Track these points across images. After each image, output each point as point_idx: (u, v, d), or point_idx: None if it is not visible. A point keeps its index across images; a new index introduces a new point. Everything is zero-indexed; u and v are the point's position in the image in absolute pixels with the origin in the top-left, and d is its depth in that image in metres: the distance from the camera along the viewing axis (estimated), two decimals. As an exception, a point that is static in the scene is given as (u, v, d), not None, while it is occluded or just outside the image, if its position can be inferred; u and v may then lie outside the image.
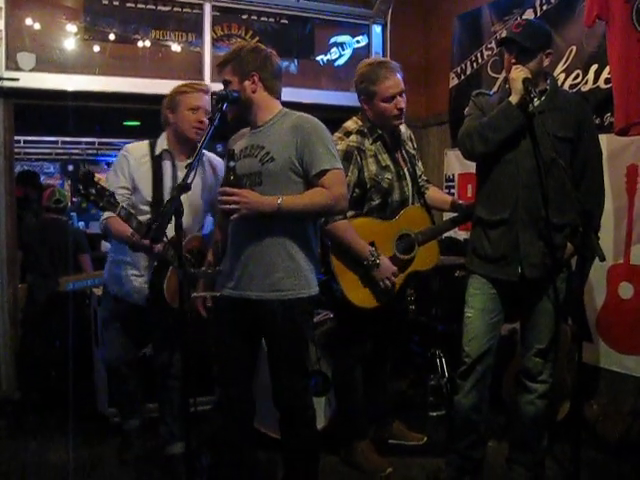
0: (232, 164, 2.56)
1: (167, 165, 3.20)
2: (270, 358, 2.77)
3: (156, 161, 3.17)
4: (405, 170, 3.42)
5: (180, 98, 3.17)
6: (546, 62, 2.92)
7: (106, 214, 3.03)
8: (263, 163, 2.64)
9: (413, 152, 3.54)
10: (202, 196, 3.25)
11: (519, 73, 2.81)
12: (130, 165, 3.15)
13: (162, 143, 3.21)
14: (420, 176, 3.56)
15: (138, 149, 3.22)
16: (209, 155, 3.36)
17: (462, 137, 2.98)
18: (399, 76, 3.27)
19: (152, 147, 3.21)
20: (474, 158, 3.05)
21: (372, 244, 3.23)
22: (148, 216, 3.05)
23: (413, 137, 3.61)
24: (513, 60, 2.89)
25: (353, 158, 3.23)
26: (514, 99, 2.82)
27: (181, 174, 3.06)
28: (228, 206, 2.51)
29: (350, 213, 3.25)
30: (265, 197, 2.57)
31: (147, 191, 3.14)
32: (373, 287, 3.27)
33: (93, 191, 2.66)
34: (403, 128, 3.49)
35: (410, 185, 3.42)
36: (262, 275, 2.66)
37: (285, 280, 2.66)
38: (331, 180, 2.62)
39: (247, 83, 2.69)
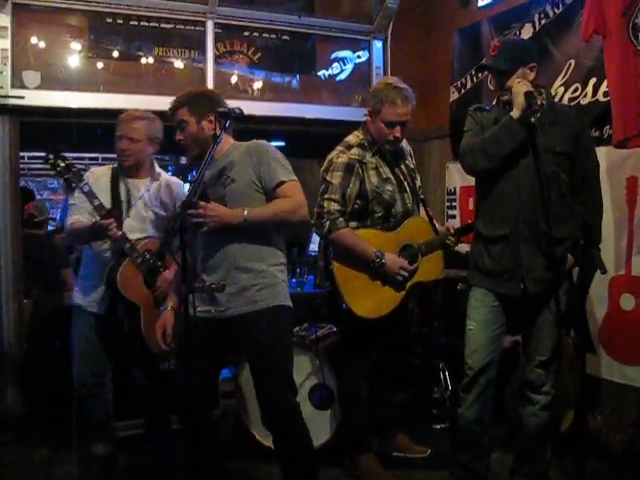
0: (201, 179, 2.64)
1: (121, 184, 3.40)
2: (253, 372, 2.82)
3: (113, 180, 3.39)
4: (405, 183, 3.46)
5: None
6: (531, 76, 2.92)
7: (70, 220, 3.27)
8: (225, 187, 2.76)
9: (412, 166, 3.59)
10: (152, 210, 3.40)
11: (521, 87, 2.82)
12: (89, 182, 3.31)
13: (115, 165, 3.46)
14: (418, 190, 3.60)
15: (99, 170, 3.47)
16: (167, 177, 3.54)
17: (464, 153, 3.00)
18: (410, 107, 3.31)
19: (113, 170, 3.43)
20: (476, 174, 3.09)
21: None
22: None
23: (412, 152, 3.65)
24: (493, 82, 2.94)
25: (355, 170, 3.28)
26: (516, 114, 2.83)
27: (134, 191, 3.38)
28: (196, 219, 2.59)
29: (353, 224, 3.30)
30: (232, 209, 2.68)
31: (106, 203, 3.28)
32: (377, 297, 3.30)
33: (62, 164, 2.99)
34: (404, 143, 3.54)
35: (411, 198, 3.46)
36: (238, 293, 2.73)
37: (261, 292, 2.75)
38: (290, 190, 2.78)
39: (205, 123, 2.82)
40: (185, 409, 2.82)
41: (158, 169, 3.49)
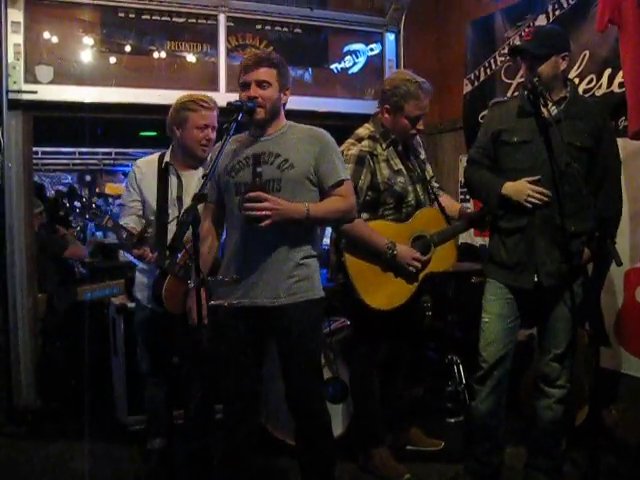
0: (259, 170, 2.56)
1: (172, 177, 3.28)
2: (285, 364, 2.78)
3: (162, 173, 3.26)
4: (416, 175, 3.46)
5: (188, 115, 3.22)
6: (563, 65, 2.90)
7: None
8: (282, 170, 2.67)
9: (423, 157, 3.59)
10: None
11: (523, 190, 2.88)
12: (137, 179, 3.29)
13: (167, 156, 3.30)
14: (431, 179, 3.59)
15: (146, 163, 3.35)
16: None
17: (464, 177, 3.23)
18: (429, 99, 3.33)
19: (160, 160, 3.30)
20: None
21: None
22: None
23: (421, 143, 3.66)
24: (526, 68, 2.91)
25: (366, 162, 3.27)
26: (504, 191, 2.94)
27: (189, 184, 3.24)
28: (259, 212, 2.51)
29: (365, 216, 3.29)
30: (294, 204, 2.61)
31: (153, 202, 3.24)
32: (389, 289, 3.29)
33: (78, 204, 2.93)
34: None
35: (423, 189, 3.46)
36: (277, 281, 2.67)
37: (299, 284, 2.70)
38: (346, 190, 2.74)
39: (283, 95, 2.75)
40: (227, 400, 2.82)
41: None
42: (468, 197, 5.10)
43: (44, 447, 3.82)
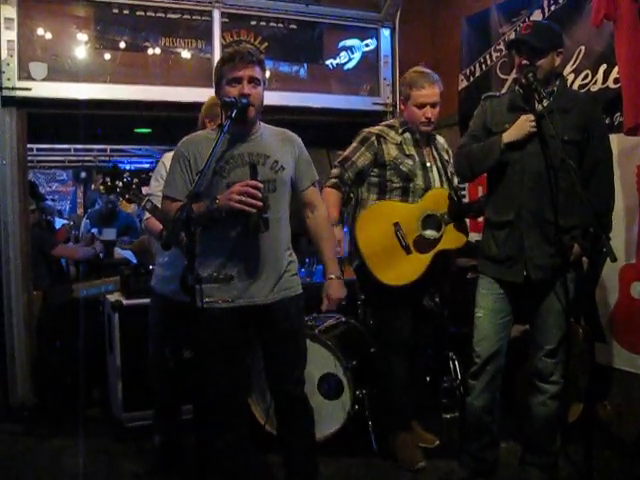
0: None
1: None
2: (279, 353, 2.81)
3: None
4: (433, 166, 3.56)
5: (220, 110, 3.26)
6: (557, 61, 2.93)
7: (145, 215, 3.27)
8: (276, 172, 2.72)
9: (447, 158, 3.68)
10: None
11: (526, 124, 2.87)
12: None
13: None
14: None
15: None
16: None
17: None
18: (436, 89, 3.50)
19: None
20: (463, 179, 3.38)
21: (397, 224, 3.38)
22: None
23: (449, 151, 3.73)
24: (524, 61, 2.90)
25: (368, 142, 3.50)
26: (507, 138, 2.90)
27: None
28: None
29: (373, 197, 3.49)
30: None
31: None
32: (402, 265, 3.39)
33: (120, 184, 2.99)
34: (441, 140, 3.73)
35: (438, 180, 3.55)
36: (275, 279, 2.73)
37: (292, 277, 2.81)
38: (317, 191, 2.96)
39: (264, 92, 2.76)
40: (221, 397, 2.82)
41: None
42: (464, 193, 5.10)
43: (40, 444, 3.82)
